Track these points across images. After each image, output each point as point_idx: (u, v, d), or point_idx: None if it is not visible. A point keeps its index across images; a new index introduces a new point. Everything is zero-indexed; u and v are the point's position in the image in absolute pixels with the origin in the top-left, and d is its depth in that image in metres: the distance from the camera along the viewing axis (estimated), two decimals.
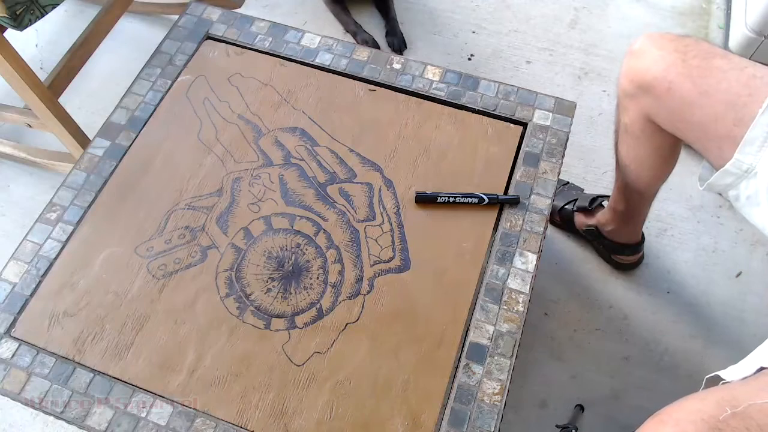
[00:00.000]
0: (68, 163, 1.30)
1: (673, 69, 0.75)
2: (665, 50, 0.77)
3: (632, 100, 0.83)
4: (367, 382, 0.73)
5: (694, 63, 0.74)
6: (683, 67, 0.75)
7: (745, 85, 0.70)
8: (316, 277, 0.80)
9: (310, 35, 1.00)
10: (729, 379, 0.63)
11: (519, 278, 0.79)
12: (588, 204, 1.18)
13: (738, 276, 1.21)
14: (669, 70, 0.76)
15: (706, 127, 0.74)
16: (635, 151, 0.91)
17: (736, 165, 0.71)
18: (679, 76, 0.75)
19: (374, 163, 0.88)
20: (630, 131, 0.89)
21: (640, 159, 0.92)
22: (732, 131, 0.70)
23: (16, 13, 1.00)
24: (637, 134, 0.88)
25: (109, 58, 1.51)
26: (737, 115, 0.70)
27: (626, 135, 0.90)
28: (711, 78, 0.72)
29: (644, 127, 0.85)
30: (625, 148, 0.93)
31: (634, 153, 0.92)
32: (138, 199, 0.86)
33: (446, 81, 0.94)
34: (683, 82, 0.74)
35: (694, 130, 0.76)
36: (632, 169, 0.95)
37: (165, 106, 0.93)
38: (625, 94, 0.85)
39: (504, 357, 0.74)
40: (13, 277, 0.80)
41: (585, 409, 1.08)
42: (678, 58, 0.75)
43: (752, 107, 0.68)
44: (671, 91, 0.76)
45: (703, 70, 0.73)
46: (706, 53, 0.74)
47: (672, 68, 0.75)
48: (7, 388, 0.74)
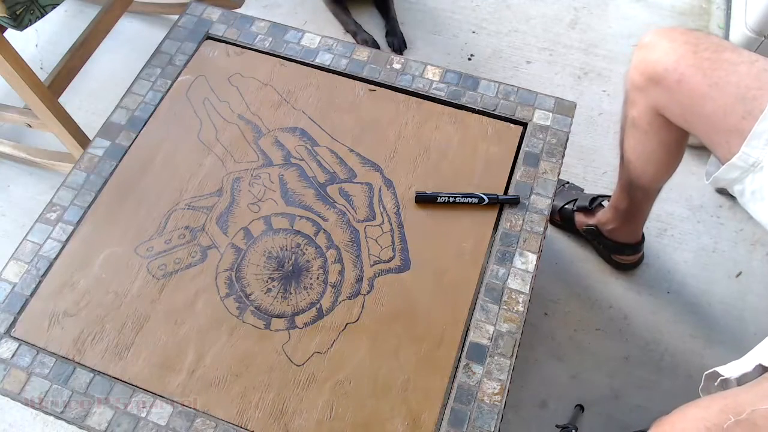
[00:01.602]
0: (68, 163, 1.29)
1: (684, 61, 0.75)
2: (676, 42, 0.77)
3: (642, 92, 0.83)
4: (367, 382, 0.73)
5: (705, 55, 0.74)
6: (694, 59, 0.74)
7: (755, 78, 0.70)
8: (316, 277, 0.80)
9: (310, 35, 1.00)
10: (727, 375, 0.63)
11: (519, 278, 0.79)
12: (588, 204, 1.18)
13: (738, 276, 1.21)
14: (680, 61, 0.76)
15: (715, 120, 0.74)
16: (642, 145, 0.91)
17: (743, 158, 0.71)
18: (690, 67, 0.75)
19: (374, 163, 0.88)
20: (637, 125, 0.89)
21: (647, 153, 0.92)
22: (740, 124, 0.70)
23: (16, 13, 1.00)
24: (644, 128, 0.88)
25: (109, 58, 1.51)
26: (746, 108, 0.69)
27: (633, 129, 0.90)
28: (721, 70, 0.72)
29: (652, 120, 0.85)
30: (631, 142, 0.93)
31: (641, 147, 0.92)
32: (138, 199, 0.86)
33: (446, 81, 0.94)
34: (694, 74, 0.74)
35: (704, 123, 0.76)
36: (638, 164, 0.95)
37: (165, 106, 0.93)
38: (634, 87, 0.85)
39: (504, 357, 0.74)
40: (13, 277, 0.80)
41: (585, 409, 1.08)
42: (689, 50, 0.75)
43: (761, 101, 0.68)
44: (682, 83, 0.76)
45: (713, 63, 0.73)
46: (717, 46, 0.74)
47: (683, 60, 0.75)
48: (7, 388, 0.74)
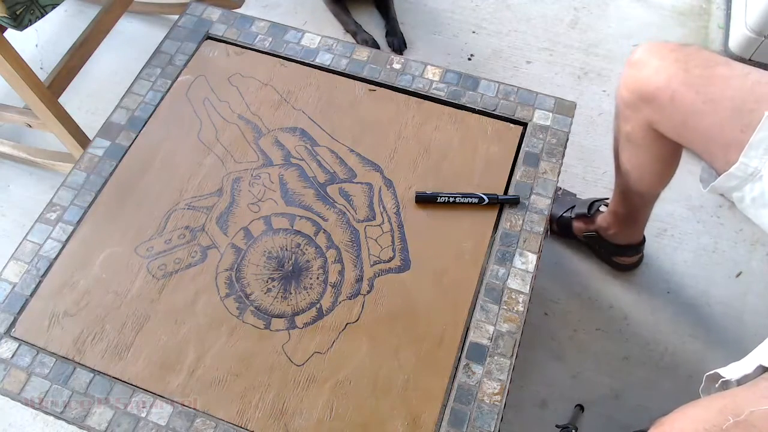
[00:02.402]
0: (68, 163, 1.29)
1: (676, 79, 0.74)
2: (666, 60, 0.76)
3: (633, 110, 0.83)
4: (367, 382, 0.73)
5: (696, 72, 0.73)
6: (685, 76, 0.74)
7: (750, 91, 0.69)
8: (316, 277, 0.80)
9: (310, 35, 1.00)
10: (728, 377, 0.63)
11: (519, 278, 0.79)
12: (587, 210, 1.17)
13: (738, 276, 1.21)
14: (671, 80, 0.75)
15: (712, 135, 0.73)
16: (637, 158, 0.91)
17: (741, 168, 0.71)
18: (681, 85, 0.74)
19: (374, 163, 0.88)
20: (632, 140, 0.88)
21: (643, 166, 0.92)
22: (739, 137, 0.70)
23: (16, 13, 1.00)
24: (638, 143, 0.87)
25: (109, 58, 1.51)
26: (744, 121, 0.69)
27: (628, 143, 0.90)
28: (715, 86, 0.72)
29: (646, 135, 0.85)
30: (626, 156, 0.92)
31: (636, 160, 0.92)
32: (138, 199, 0.86)
33: (446, 81, 0.94)
34: (686, 92, 0.74)
35: (700, 138, 0.76)
36: (634, 174, 0.94)
37: (165, 106, 0.93)
38: (625, 104, 0.84)
39: (504, 357, 0.74)
40: (13, 277, 0.80)
41: (585, 409, 1.08)
42: (680, 68, 0.75)
43: (759, 113, 0.68)
44: (675, 101, 0.75)
45: (706, 79, 0.73)
46: (708, 61, 0.74)
47: (674, 78, 0.75)
48: (7, 388, 0.74)
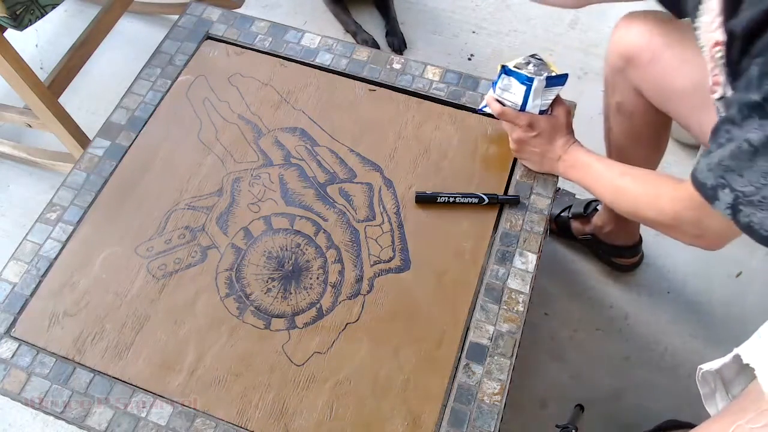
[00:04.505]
0: (68, 163, 1.29)
1: (656, 39, 0.80)
2: (648, 23, 0.81)
3: (621, 74, 0.86)
4: (367, 382, 0.73)
5: (675, 36, 0.78)
6: (665, 38, 0.79)
7: None
8: (316, 277, 0.79)
9: (310, 35, 1.00)
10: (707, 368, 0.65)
11: (519, 278, 0.79)
12: (583, 210, 1.17)
13: (738, 276, 1.21)
14: (652, 40, 0.80)
15: (686, 95, 0.78)
16: (630, 128, 0.93)
17: None
18: (661, 45, 0.79)
19: (374, 163, 0.88)
20: (622, 110, 0.91)
21: (635, 135, 0.94)
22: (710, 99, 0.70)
23: (16, 13, 1.00)
24: (629, 110, 0.90)
25: (109, 58, 1.51)
26: None
27: (618, 115, 0.93)
28: (691, 49, 0.74)
29: (636, 102, 0.88)
30: (618, 128, 0.95)
31: (628, 129, 0.94)
32: (138, 199, 0.86)
33: (446, 81, 0.94)
34: (664, 52, 0.79)
35: (675, 99, 0.80)
36: (627, 149, 0.96)
37: (165, 106, 0.93)
38: (613, 69, 0.88)
39: (504, 357, 0.74)
40: (13, 277, 0.80)
41: (585, 409, 1.08)
42: (660, 30, 0.80)
43: None
44: (653, 61, 0.80)
45: (682, 42, 0.77)
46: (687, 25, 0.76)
47: (656, 38, 0.80)
48: (7, 388, 0.74)
